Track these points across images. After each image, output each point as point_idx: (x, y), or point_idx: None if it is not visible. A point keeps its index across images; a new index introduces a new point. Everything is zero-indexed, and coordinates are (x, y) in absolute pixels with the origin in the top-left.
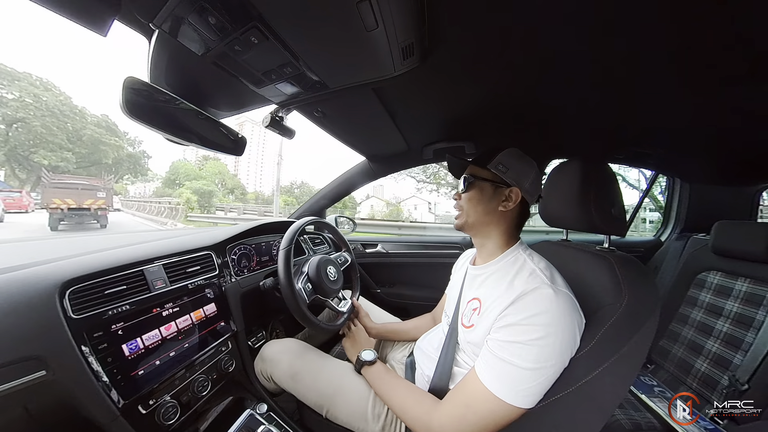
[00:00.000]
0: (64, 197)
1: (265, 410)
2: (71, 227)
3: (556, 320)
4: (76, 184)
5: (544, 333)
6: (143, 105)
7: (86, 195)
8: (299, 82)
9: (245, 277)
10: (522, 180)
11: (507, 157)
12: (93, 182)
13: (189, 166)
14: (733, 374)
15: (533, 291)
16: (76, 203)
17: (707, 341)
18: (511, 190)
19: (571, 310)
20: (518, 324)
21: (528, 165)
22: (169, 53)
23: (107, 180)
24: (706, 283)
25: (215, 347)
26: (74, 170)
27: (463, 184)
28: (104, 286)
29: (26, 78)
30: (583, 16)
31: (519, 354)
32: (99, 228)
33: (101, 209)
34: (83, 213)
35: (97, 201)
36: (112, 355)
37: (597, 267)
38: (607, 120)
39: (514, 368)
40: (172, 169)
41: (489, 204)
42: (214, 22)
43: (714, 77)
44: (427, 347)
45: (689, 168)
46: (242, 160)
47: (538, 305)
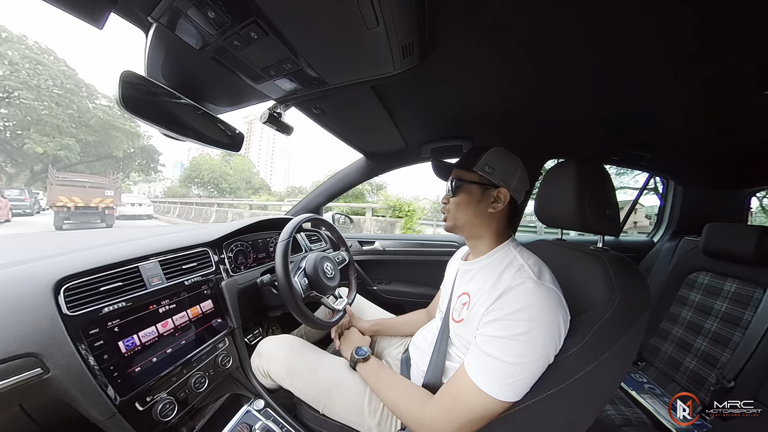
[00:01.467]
0: (71, 195)
1: (262, 406)
2: (76, 227)
3: (540, 315)
4: (84, 182)
5: (527, 328)
6: (140, 99)
7: (93, 193)
8: (298, 78)
9: (242, 273)
10: (509, 179)
11: (492, 157)
12: (100, 180)
13: (214, 162)
14: (721, 372)
15: (518, 286)
16: (84, 202)
17: (696, 340)
18: (500, 191)
19: (555, 306)
20: (502, 319)
21: (513, 162)
22: (166, 47)
23: (114, 179)
24: (696, 283)
25: (212, 344)
26: (74, 165)
27: (451, 188)
28: (100, 282)
29: (20, 40)
30: (581, 18)
31: (503, 349)
32: (105, 228)
33: (108, 208)
34: (90, 212)
35: (105, 200)
36: (108, 352)
37: (590, 266)
38: (603, 122)
39: (498, 362)
40: (193, 165)
41: (477, 206)
42: (213, 16)
43: (708, 84)
44: (421, 343)
45: (682, 171)
46: (252, 157)
47: (522, 300)
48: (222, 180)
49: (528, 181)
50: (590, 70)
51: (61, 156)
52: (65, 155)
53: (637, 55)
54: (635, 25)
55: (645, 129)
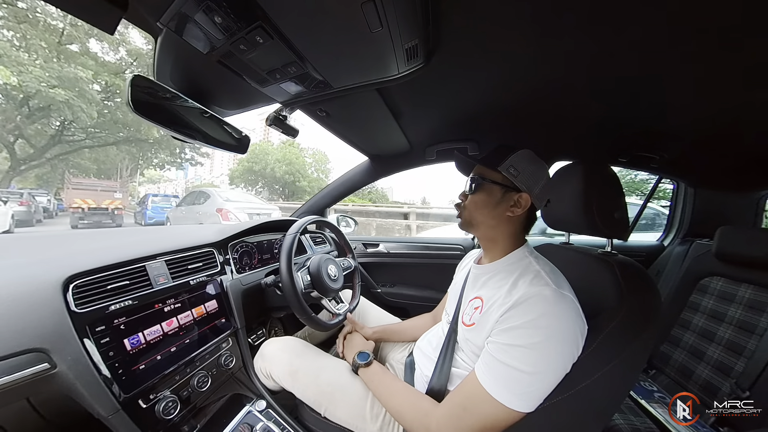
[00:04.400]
0: (85, 198)
1: (263, 407)
2: (90, 226)
3: (559, 324)
4: (96, 185)
5: (546, 337)
6: (149, 102)
7: (104, 196)
8: (303, 81)
9: (247, 274)
10: (533, 185)
11: (519, 159)
12: (110, 184)
13: (291, 151)
14: (735, 381)
15: (536, 294)
16: (96, 203)
17: (709, 347)
18: (521, 195)
19: (574, 315)
20: (520, 327)
21: (541, 168)
22: (175, 52)
23: (123, 181)
24: (709, 288)
25: (216, 344)
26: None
27: (470, 185)
28: (107, 281)
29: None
30: (589, 17)
31: (519, 358)
32: (115, 227)
33: (117, 209)
34: (102, 213)
35: (114, 201)
36: (114, 349)
37: (598, 271)
38: (611, 122)
39: (514, 372)
40: (260, 151)
41: (496, 208)
42: (219, 21)
43: (723, 81)
44: (426, 347)
45: (693, 172)
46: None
47: (541, 308)
48: (300, 176)
49: (550, 189)
50: (599, 68)
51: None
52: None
53: (650, 52)
54: (642, 20)
55: (655, 129)
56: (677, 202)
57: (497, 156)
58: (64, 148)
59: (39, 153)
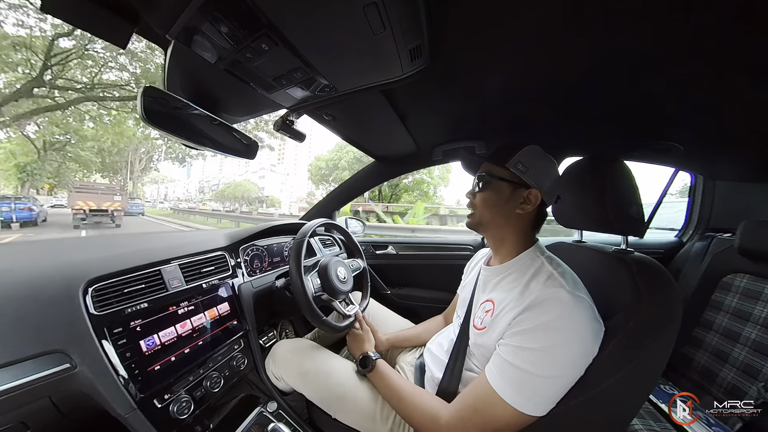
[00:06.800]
0: (86, 200)
1: (275, 408)
2: (90, 227)
3: (574, 327)
4: (97, 188)
5: (560, 340)
6: (160, 112)
7: (105, 198)
8: (309, 86)
9: (257, 277)
10: (542, 181)
11: (527, 155)
12: (110, 186)
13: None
14: (763, 384)
15: (551, 296)
16: (97, 205)
17: (734, 348)
18: (530, 191)
19: (590, 318)
20: (534, 330)
21: (549, 164)
22: (183, 62)
23: (123, 185)
24: (733, 286)
25: (228, 345)
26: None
27: (478, 183)
28: (124, 284)
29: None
30: (593, 14)
31: (533, 361)
32: (114, 227)
33: (117, 211)
34: (102, 214)
35: (114, 203)
36: (130, 350)
37: (613, 270)
38: (624, 115)
39: (526, 375)
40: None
41: (505, 206)
42: (225, 31)
43: (746, 66)
44: (436, 349)
45: (713, 164)
46: (289, 156)
47: (556, 311)
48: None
49: (561, 184)
50: (609, 56)
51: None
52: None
53: (665, 38)
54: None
55: (672, 120)
56: (695, 196)
57: (504, 152)
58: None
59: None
